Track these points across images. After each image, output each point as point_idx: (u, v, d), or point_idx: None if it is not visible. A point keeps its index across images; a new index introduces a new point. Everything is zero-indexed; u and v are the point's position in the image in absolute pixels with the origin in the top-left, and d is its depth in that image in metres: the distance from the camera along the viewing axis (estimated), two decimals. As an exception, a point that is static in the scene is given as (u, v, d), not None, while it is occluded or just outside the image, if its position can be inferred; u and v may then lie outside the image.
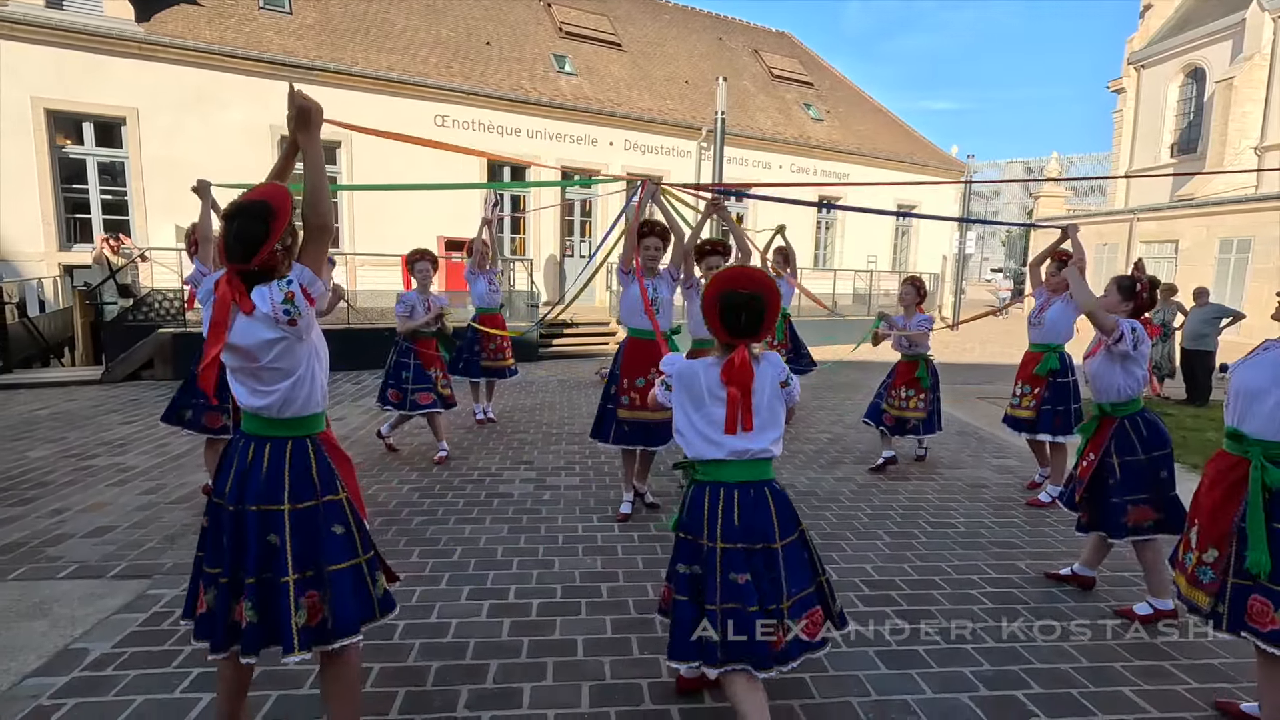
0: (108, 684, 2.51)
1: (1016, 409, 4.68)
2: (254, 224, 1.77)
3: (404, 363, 5.45)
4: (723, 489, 2.07)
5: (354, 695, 2.04)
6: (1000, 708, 2.52)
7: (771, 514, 2.07)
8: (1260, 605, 2.06)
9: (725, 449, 2.07)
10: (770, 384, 2.11)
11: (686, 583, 2.10)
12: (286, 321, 1.79)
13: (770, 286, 2.06)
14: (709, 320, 2.07)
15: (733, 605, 2.00)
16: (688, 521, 2.12)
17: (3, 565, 3.47)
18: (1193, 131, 24.39)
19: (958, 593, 3.45)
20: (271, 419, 1.90)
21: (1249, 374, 2.17)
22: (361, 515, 2.01)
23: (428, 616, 3.06)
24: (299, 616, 1.84)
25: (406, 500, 4.57)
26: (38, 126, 10.60)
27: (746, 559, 2.02)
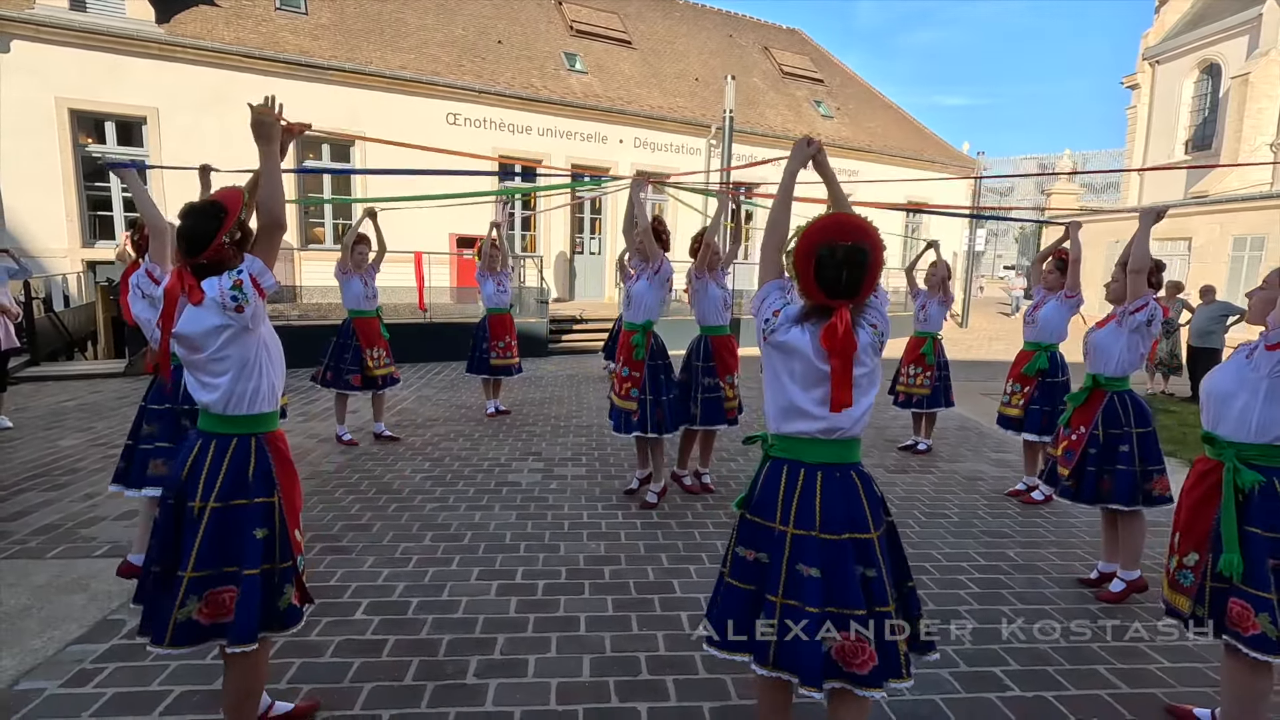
0: (145, 651, 2.68)
1: (1006, 407, 4.78)
2: (205, 220, 1.91)
3: (345, 343, 5.64)
4: (804, 469, 1.82)
5: (255, 694, 2.07)
6: (980, 683, 2.67)
7: (862, 500, 1.81)
8: (1240, 609, 2.08)
9: (815, 424, 1.81)
10: (867, 348, 1.79)
11: (751, 570, 1.87)
12: (234, 308, 1.87)
13: (875, 235, 1.77)
14: (801, 277, 1.78)
15: (793, 603, 1.76)
16: (758, 502, 1.88)
17: (42, 545, 3.68)
18: (1208, 128, 24.18)
19: (945, 578, 3.59)
20: (220, 415, 1.96)
21: (1219, 377, 2.24)
22: (291, 524, 2.02)
23: (439, 595, 3.24)
24: (183, 611, 1.87)
25: (420, 488, 4.75)
26: (61, 126, 10.88)
27: (820, 550, 1.77)
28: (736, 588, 1.89)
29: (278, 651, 2.69)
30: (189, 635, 1.90)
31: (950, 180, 20.63)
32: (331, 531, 3.94)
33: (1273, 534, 2.07)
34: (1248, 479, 2.10)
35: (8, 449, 5.44)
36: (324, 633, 2.87)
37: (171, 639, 1.87)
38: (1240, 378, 2.14)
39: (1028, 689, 2.64)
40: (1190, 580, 2.26)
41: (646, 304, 4.37)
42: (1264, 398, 2.08)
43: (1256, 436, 2.11)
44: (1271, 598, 2.04)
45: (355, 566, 3.51)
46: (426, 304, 11.85)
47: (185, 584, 1.87)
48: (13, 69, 10.46)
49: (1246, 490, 2.12)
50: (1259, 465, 2.12)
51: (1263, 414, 2.09)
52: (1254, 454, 2.13)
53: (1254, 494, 2.11)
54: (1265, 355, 2.05)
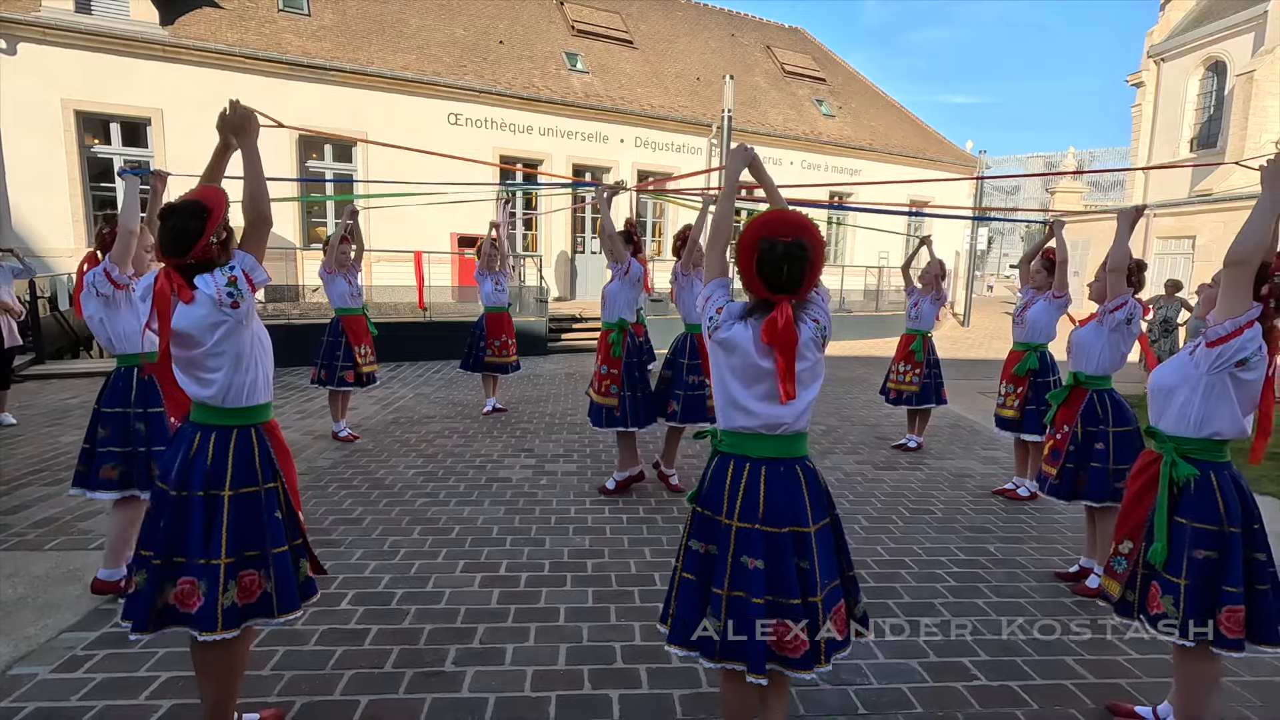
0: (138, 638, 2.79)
1: (1002, 409, 4.79)
2: (189, 221, 1.91)
3: (335, 341, 5.72)
4: (749, 464, 1.86)
5: (237, 674, 2.12)
6: (947, 672, 2.72)
7: (804, 493, 1.85)
8: (1154, 590, 2.18)
9: (755, 420, 1.85)
10: (809, 343, 1.84)
11: (697, 561, 1.93)
12: (230, 304, 1.91)
13: (815, 233, 1.81)
14: (744, 272, 1.82)
15: (739, 594, 1.82)
16: (707, 495, 1.93)
17: (41, 537, 3.78)
18: (1213, 126, 24.04)
19: (923, 572, 3.64)
20: (218, 408, 2.00)
21: (1162, 373, 2.28)
22: (296, 506, 2.13)
23: (424, 586, 3.31)
24: (226, 597, 1.93)
25: (411, 484, 4.83)
26: (68, 127, 11.02)
27: (765, 544, 1.81)
28: (689, 580, 1.94)
29: (263, 640, 2.76)
30: (232, 619, 1.95)
31: (953, 180, 20.62)
32: (322, 526, 4.02)
33: (1199, 524, 2.12)
34: (1183, 472, 2.15)
35: (10, 445, 5.55)
36: (309, 622, 2.94)
37: (225, 624, 1.93)
38: (1182, 374, 2.18)
39: (994, 678, 2.69)
40: (1124, 566, 2.33)
41: (619, 304, 4.50)
42: (1203, 394, 2.12)
43: (1195, 431, 2.16)
44: (1180, 583, 2.10)
45: (344, 559, 3.58)
46: (426, 303, 11.97)
47: (223, 571, 1.93)
48: (19, 71, 10.60)
49: (1181, 483, 2.17)
50: (1196, 459, 2.17)
51: (1201, 409, 2.13)
52: (1192, 448, 2.17)
53: (1188, 487, 2.16)
54: (1205, 352, 2.09)
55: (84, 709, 2.35)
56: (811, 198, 15.95)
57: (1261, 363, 2.04)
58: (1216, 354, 2.05)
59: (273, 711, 2.32)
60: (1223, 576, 2.08)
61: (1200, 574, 2.09)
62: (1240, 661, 2.80)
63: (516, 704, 2.45)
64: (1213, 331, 2.06)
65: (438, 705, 2.43)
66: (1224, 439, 2.15)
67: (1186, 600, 2.08)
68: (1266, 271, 2.06)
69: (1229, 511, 2.10)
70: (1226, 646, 2.07)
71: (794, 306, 1.82)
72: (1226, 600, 2.06)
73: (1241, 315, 2.02)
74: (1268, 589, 2.10)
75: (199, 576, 1.94)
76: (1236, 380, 2.07)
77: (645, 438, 5.66)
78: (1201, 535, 2.11)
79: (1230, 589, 2.06)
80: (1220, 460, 2.17)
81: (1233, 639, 2.06)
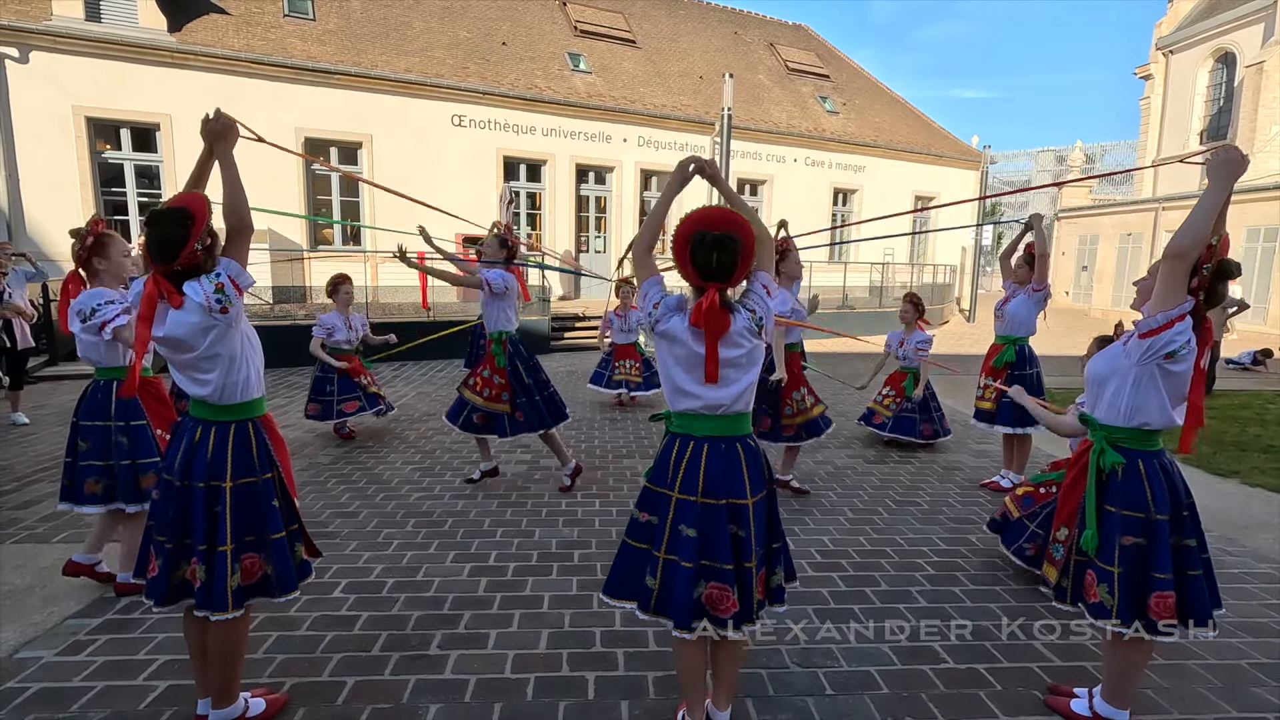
0: (135, 624, 2.92)
1: (981, 401, 4.86)
2: (174, 229, 1.99)
3: (328, 377, 5.81)
4: (693, 442, 2.03)
5: (240, 652, 2.24)
6: (916, 656, 2.80)
7: (743, 469, 2.01)
8: (1090, 578, 2.22)
9: (697, 402, 2.01)
10: (743, 330, 1.98)
11: (641, 530, 2.10)
12: (219, 310, 2.00)
13: (745, 228, 1.95)
14: (679, 262, 1.97)
15: (672, 558, 2.00)
16: (655, 472, 2.10)
17: (49, 531, 3.92)
18: (1223, 118, 23.81)
19: (904, 561, 3.71)
20: (215, 405, 2.12)
21: (1097, 363, 2.32)
22: (292, 494, 2.26)
23: (415, 575, 3.42)
24: (234, 579, 2.08)
25: (408, 479, 4.95)
26: (79, 133, 11.25)
27: (701, 515, 1.98)
28: (631, 546, 2.14)
29: (258, 625, 2.88)
30: (239, 599, 2.10)
31: (958, 172, 20.56)
32: (320, 519, 4.14)
33: (1127, 512, 2.16)
34: (1109, 460, 2.19)
35: (23, 443, 5.72)
36: (302, 609, 3.06)
37: (234, 604, 2.08)
38: (1114, 364, 2.22)
39: (962, 662, 2.76)
40: (1060, 553, 2.38)
41: (495, 315, 4.55)
42: (1132, 384, 2.16)
43: (1125, 421, 2.19)
44: (1114, 570, 2.15)
45: (338, 550, 3.70)
46: (430, 303, 12.10)
47: (229, 556, 2.08)
48: (32, 79, 10.84)
49: (1108, 471, 2.21)
50: (1125, 448, 2.20)
51: (1131, 399, 2.16)
52: (1122, 437, 2.21)
53: (1115, 475, 2.20)
54: (1137, 343, 2.12)
55: (85, 689, 2.48)
56: (816, 228, 15.99)
57: (1190, 355, 2.08)
58: (1147, 345, 2.09)
59: (264, 690, 2.43)
60: (1151, 564, 2.12)
61: (1130, 561, 2.14)
62: (1206, 646, 2.89)
63: (496, 685, 2.55)
64: (1145, 323, 2.11)
65: (420, 685, 2.53)
66: (1153, 429, 2.18)
67: (1120, 588, 2.13)
68: (1198, 265, 2.09)
69: (1156, 499, 2.14)
70: (1158, 633, 2.12)
71: (731, 296, 2.00)
72: (1156, 586, 2.11)
73: (1174, 308, 2.06)
74: (1199, 574, 2.15)
75: (204, 562, 2.08)
76: (1165, 372, 2.11)
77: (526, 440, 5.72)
78: (1129, 523, 2.15)
79: (1159, 575, 2.11)
80: (1151, 449, 2.21)
81: (1163, 625, 2.11)
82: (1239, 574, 3.68)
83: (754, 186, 17.92)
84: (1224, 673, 2.73)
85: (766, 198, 17.82)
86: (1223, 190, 2.04)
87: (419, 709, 2.41)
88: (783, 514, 4.32)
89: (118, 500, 3.06)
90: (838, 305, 16.33)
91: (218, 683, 2.21)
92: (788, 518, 4.27)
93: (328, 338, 5.81)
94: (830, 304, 16.14)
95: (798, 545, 3.87)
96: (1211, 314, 7.58)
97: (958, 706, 2.49)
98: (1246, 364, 11.76)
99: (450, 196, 13.94)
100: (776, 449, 4.80)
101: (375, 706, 2.41)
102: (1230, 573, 3.68)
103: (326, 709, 2.40)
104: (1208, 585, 2.17)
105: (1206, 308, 2.11)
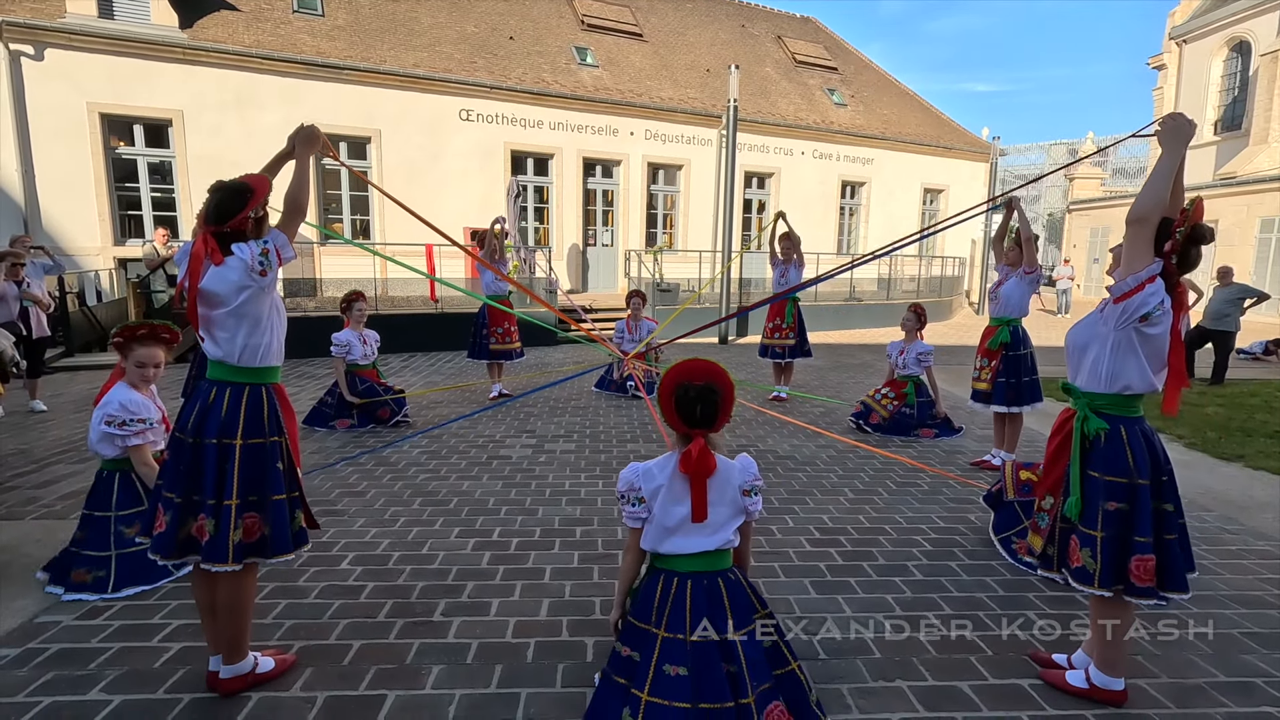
0: (150, 593, 3.01)
1: (976, 381, 4.91)
2: (234, 198, 2.23)
3: (349, 403, 5.94)
4: (676, 578, 2.05)
5: (247, 608, 2.32)
6: (911, 626, 2.84)
7: (725, 604, 2.02)
8: (1074, 544, 2.24)
9: (686, 540, 2.05)
10: (734, 486, 2.07)
11: (623, 666, 2.09)
12: (259, 271, 2.19)
13: (724, 378, 2.07)
14: (665, 412, 2.07)
15: (657, 700, 1.94)
16: (638, 607, 2.10)
17: (65, 508, 4.03)
18: (1237, 108, 23.53)
19: (902, 538, 3.75)
20: (233, 366, 2.23)
21: (1076, 330, 2.35)
22: (296, 462, 2.34)
23: (420, 550, 3.50)
24: (236, 534, 2.17)
25: (415, 461, 5.04)
26: (93, 130, 11.41)
27: (687, 652, 1.96)
28: (611, 680, 2.10)
29: (268, 594, 2.98)
30: (239, 554, 2.18)
31: (968, 164, 20.46)
32: (329, 498, 4.23)
33: (1110, 477, 2.18)
34: (1093, 426, 2.22)
35: (42, 429, 5.86)
36: (310, 579, 3.15)
37: (234, 558, 2.16)
38: (1092, 331, 2.25)
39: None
40: (1045, 522, 2.40)
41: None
42: (1111, 349, 2.18)
43: (1107, 386, 2.21)
44: (1096, 535, 2.18)
45: (346, 526, 3.79)
46: (438, 295, 12.23)
47: (234, 511, 2.16)
48: (48, 76, 11.01)
49: (1092, 437, 2.23)
50: (1107, 414, 2.23)
51: (1111, 365, 2.19)
52: (1104, 403, 2.24)
53: (1099, 440, 2.22)
54: (1112, 309, 2.15)
55: (102, 649, 2.57)
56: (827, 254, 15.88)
57: (1165, 317, 2.10)
58: (1121, 309, 2.12)
59: (274, 650, 2.52)
60: (1133, 528, 2.15)
61: (1113, 525, 2.16)
62: (1199, 616, 2.92)
63: (497, 648, 2.63)
64: (1117, 287, 2.14)
65: (424, 648, 2.61)
66: (1135, 393, 2.21)
67: (1103, 551, 2.16)
68: (1170, 227, 2.12)
69: (1138, 464, 2.16)
70: (1137, 595, 2.15)
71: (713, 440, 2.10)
72: (1137, 550, 2.14)
73: (1143, 270, 2.09)
74: (1175, 539, 2.18)
75: (210, 515, 2.17)
76: (1142, 335, 2.13)
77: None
78: (1112, 488, 2.17)
79: (1140, 539, 2.14)
80: (1132, 415, 2.23)
81: (1143, 587, 2.14)
82: (1237, 550, 3.70)
83: (761, 180, 17.92)
84: (1217, 642, 2.76)
85: (774, 191, 17.81)
86: (1174, 155, 2.09)
87: (422, 669, 2.48)
88: (782, 495, 4.39)
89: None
90: (845, 298, 16.31)
91: (228, 637, 2.29)
92: (787, 498, 4.33)
93: (347, 354, 5.97)
94: (837, 297, 16.14)
95: (796, 524, 3.93)
96: (1229, 305, 7.66)
97: (949, 670, 2.53)
98: (1258, 354, 11.67)
99: (458, 191, 14.10)
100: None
101: (379, 667, 2.49)
102: (1228, 549, 3.71)
103: (333, 669, 2.48)
104: (1182, 549, 2.21)
105: (1180, 271, 2.15)
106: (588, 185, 15.82)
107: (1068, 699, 2.38)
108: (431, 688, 2.38)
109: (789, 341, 7.16)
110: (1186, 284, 7.55)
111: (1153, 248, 2.11)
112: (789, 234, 7.16)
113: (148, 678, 2.41)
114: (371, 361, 6.18)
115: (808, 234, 12.56)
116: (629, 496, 2.11)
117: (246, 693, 2.32)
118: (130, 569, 3.02)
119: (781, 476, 4.75)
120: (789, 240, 7.15)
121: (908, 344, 6.01)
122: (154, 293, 10.32)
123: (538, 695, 2.35)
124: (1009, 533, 3.49)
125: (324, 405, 6.00)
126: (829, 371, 9.61)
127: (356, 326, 6.07)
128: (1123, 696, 2.35)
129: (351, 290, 6.15)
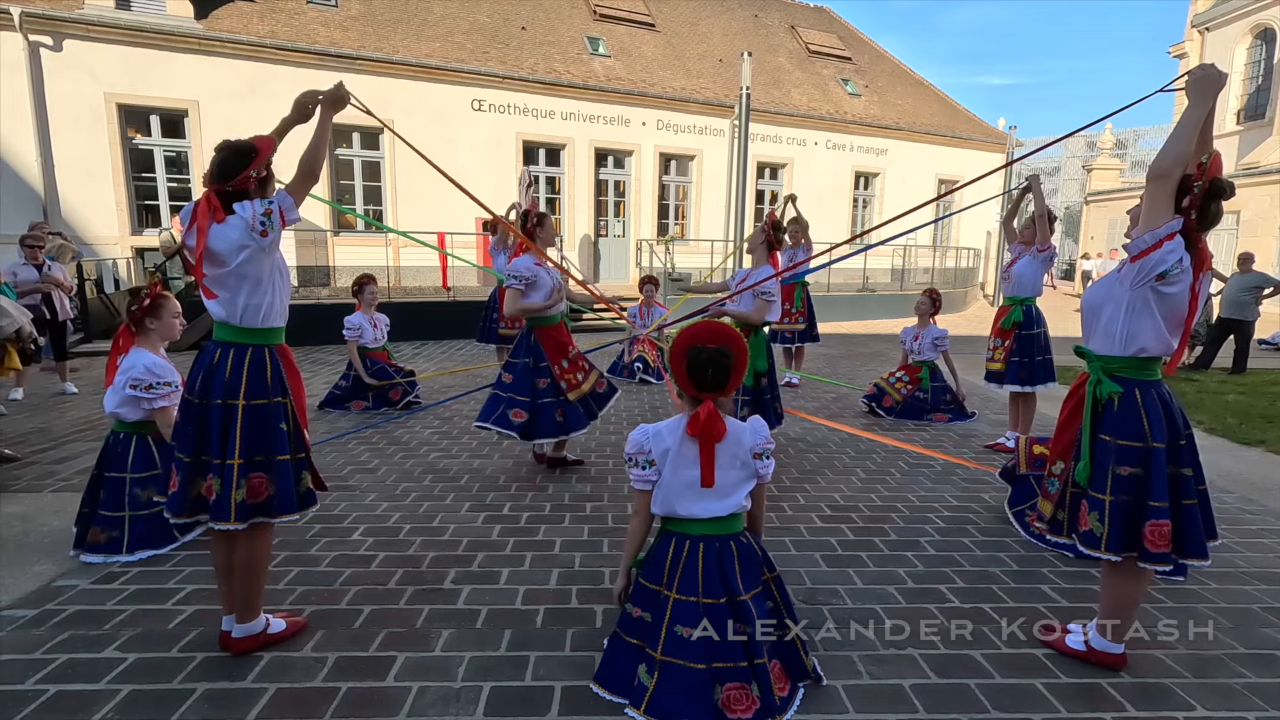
0: (164, 559, 3.05)
1: (990, 362, 4.86)
2: (237, 157, 2.22)
3: (364, 386, 5.98)
4: (688, 540, 2.06)
5: (261, 567, 2.34)
6: (922, 597, 2.82)
7: (736, 567, 2.04)
8: (1084, 508, 2.19)
9: (696, 504, 2.05)
10: (744, 448, 2.06)
11: (635, 626, 2.11)
12: (259, 232, 2.17)
13: (738, 341, 2.05)
14: (676, 375, 2.05)
15: (672, 659, 1.97)
16: (649, 569, 2.12)
17: (83, 481, 3.96)
18: (1261, 96, 23.10)
19: (914, 515, 3.72)
20: (237, 327, 2.23)
21: (1093, 291, 2.29)
22: (302, 423, 2.34)
23: (431, 522, 3.52)
24: (239, 493, 2.16)
25: (427, 440, 5.06)
26: (110, 120, 11.53)
27: (700, 614, 1.98)
28: (622, 639, 2.14)
29: (281, 561, 3.00)
30: (243, 513, 2.18)
31: (983, 155, 20.23)
32: (341, 474, 4.25)
33: (1123, 441, 2.12)
34: (1106, 389, 2.16)
35: (61, 409, 5.94)
36: (323, 549, 3.17)
37: (236, 516, 2.16)
38: (1108, 291, 2.18)
39: (967, 601, 2.79)
40: (1056, 487, 2.34)
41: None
42: (1126, 310, 2.12)
43: (1122, 349, 2.15)
44: (1105, 499, 2.13)
45: (358, 500, 3.81)
46: (450, 283, 12.26)
47: (236, 470, 2.16)
48: (66, 67, 11.13)
49: (1104, 401, 2.17)
50: (1122, 377, 2.17)
51: (1126, 325, 2.13)
52: (1119, 366, 2.17)
53: (1111, 404, 2.16)
54: (1130, 268, 2.10)
55: (118, 611, 2.60)
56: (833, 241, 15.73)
57: (1184, 276, 2.04)
58: (1138, 267, 2.06)
59: (286, 613, 2.53)
60: (1147, 492, 2.09)
61: (1125, 490, 2.11)
62: (1217, 591, 2.88)
63: (506, 614, 2.63)
64: (1134, 245, 2.07)
65: (433, 614, 2.62)
66: (1151, 355, 2.14)
67: (1111, 515, 2.11)
68: (1189, 183, 2.06)
69: (1153, 428, 2.10)
70: (1152, 560, 2.10)
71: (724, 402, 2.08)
72: (1152, 515, 2.08)
73: (1161, 227, 2.03)
74: (1194, 504, 2.12)
75: (216, 474, 2.17)
76: (1159, 295, 2.06)
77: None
78: (1125, 451, 2.12)
79: (1156, 504, 2.08)
80: (1148, 378, 2.16)
81: (1157, 553, 2.08)
82: (1257, 529, 3.64)
83: (774, 170, 17.82)
84: (1234, 615, 2.72)
85: (787, 181, 17.69)
86: (1201, 107, 2.02)
87: (431, 633, 2.49)
88: (794, 474, 4.36)
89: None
90: (858, 289, 16.20)
91: (241, 596, 2.31)
92: (799, 477, 4.31)
93: (360, 337, 6.00)
94: (851, 287, 16.04)
95: (807, 502, 3.91)
96: (1246, 293, 7.51)
97: (961, 640, 2.51)
98: (1279, 344, 11.46)
99: (470, 181, 13.98)
100: None
101: (389, 631, 2.50)
102: (1248, 528, 3.65)
103: (344, 632, 2.49)
104: (1203, 515, 2.14)
105: (1199, 228, 2.09)
106: (599, 176, 15.80)
107: (1083, 666, 2.34)
108: (441, 650, 2.39)
109: (798, 326, 7.12)
110: (1211, 273, 7.51)
111: (1173, 205, 2.05)
112: (798, 218, 7.12)
113: (162, 638, 2.43)
114: (382, 344, 6.21)
115: (820, 225, 12.45)
116: (638, 459, 2.11)
117: (258, 652, 2.34)
118: (144, 531, 3.06)
119: (793, 457, 4.72)
120: (797, 224, 7.11)
121: (922, 329, 5.95)
122: (171, 279, 10.43)
123: (546, 658, 2.35)
124: (1023, 506, 3.45)
125: (338, 389, 6.04)
126: (841, 359, 9.54)
127: (368, 310, 6.10)
128: (1122, 661, 2.31)
129: (363, 274, 6.19)
